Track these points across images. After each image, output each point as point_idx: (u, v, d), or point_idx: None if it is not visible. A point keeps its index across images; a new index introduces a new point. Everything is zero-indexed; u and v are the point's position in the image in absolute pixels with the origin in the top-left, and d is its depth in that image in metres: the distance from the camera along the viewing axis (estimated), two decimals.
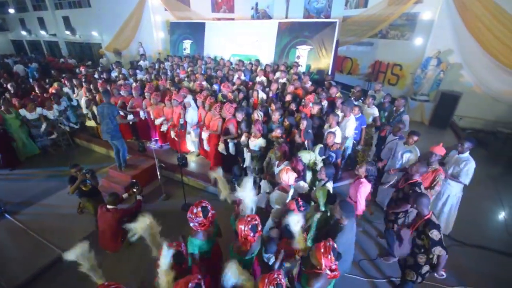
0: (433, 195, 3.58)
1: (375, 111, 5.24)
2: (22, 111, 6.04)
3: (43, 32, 18.52)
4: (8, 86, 7.36)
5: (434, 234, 2.52)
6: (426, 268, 2.73)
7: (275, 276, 1.89)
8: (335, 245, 2.07)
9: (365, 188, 3.15)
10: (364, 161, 3.34)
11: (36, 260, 3.77)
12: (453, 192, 3.83)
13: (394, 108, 5.21)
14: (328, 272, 2.02)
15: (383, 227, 4.26)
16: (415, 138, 3.98)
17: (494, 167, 6.14)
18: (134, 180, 4.26)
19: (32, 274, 3.57)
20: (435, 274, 2.79)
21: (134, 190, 4.08)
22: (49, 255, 3.84)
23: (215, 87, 6.81)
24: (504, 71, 6.75)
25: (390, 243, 3.64)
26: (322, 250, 2.01)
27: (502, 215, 4.61)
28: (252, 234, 2.27)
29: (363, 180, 3.20)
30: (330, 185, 3.28)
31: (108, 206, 3.66)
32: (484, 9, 6.60)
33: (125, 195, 4.01)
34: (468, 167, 3.55)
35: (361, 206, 3.20)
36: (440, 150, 3.50)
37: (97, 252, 3.76)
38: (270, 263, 2.44)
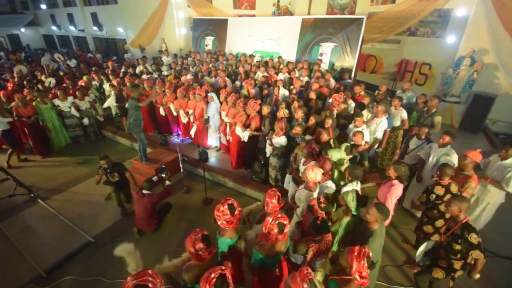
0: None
1: (404, 113, 4.90)
2: (56, 101, 6.32)
3: (72, 28, 19.35)
4: (43, 77, 7.79)
5: (473, 238, 2.39)
6: (459, 273, 2.61)
7: (306, 272, 1.81)
8: (371, 254, 1.96)
9: (397, 190, 3.00)
10: (391, 163, 3.17)
11: (67, 244, 3.94)
12: (493, 200, 3.60)
13: (426, 109, 4.91)
14: (357, 277, 1.90)
15: (409, 232, 4.12)
16: (447, 139, 3.70)
17: None
18: (163, 166, 4.33)
19: (62, 257, 3.75)
20: (470, 278, 2.65)
21: (163, 175, 4.18)
22: (79, 239, 4.02)
23: (238, 83, 6.81)
24: None
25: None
26: (356, 254, 1.91)
27: None
28: (276, 231, 2.19)
29: (395, 181, 3.05)
30: (358, 187, 3.17)
31: (144, 192, 3.84)
32: None
33: (154, 178, 4.16)
34: None
35: (391, 210, 3.06)
36: (476, 156, 3.28)
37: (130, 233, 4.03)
38: (299, 262, 2.37)
